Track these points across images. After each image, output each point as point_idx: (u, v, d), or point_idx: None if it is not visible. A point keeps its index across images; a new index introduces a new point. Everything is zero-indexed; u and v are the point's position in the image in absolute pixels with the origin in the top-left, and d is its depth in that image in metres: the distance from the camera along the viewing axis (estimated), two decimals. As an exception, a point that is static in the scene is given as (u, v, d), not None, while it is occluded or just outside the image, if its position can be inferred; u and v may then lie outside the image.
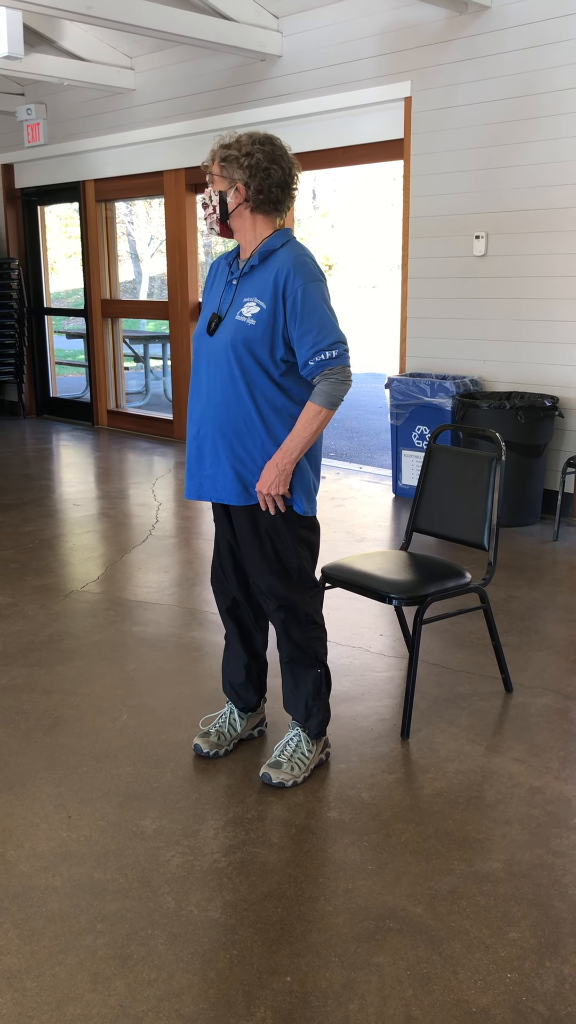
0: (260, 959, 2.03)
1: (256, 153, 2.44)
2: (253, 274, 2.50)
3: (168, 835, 2.47)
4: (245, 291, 2.50)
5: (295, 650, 2.67)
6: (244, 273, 2.51)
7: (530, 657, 3.59)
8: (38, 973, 1.99)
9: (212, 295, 2.62)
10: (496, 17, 5.35)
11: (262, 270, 2.49)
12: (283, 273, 2.44)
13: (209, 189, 2.53)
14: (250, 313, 2.46)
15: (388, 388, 5.97)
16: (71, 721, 3.10)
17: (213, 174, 2.51)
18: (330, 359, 2.45)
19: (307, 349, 2.44)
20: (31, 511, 5.79)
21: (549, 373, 5.50)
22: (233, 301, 2.52)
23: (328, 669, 2.77)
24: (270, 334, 2.46)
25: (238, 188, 2.47)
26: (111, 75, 7.54)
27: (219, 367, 2.52)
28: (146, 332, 11.49)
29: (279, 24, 6.48)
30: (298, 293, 2.42)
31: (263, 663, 2.91)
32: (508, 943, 2.07)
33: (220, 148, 2.49)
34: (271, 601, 2.63)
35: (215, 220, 2.54)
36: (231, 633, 2.85)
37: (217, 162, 2.49)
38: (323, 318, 2.44)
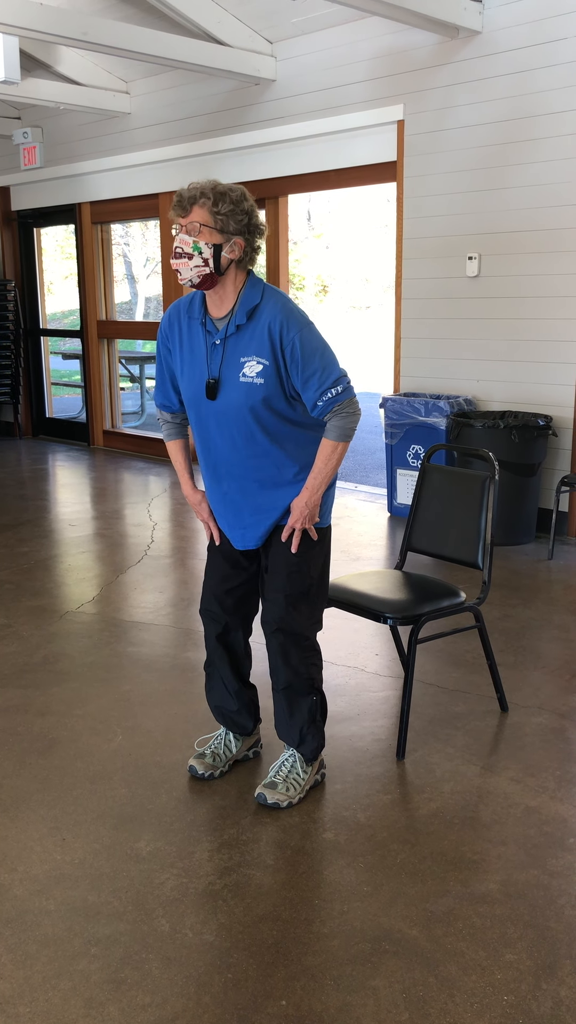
0: (255, 983, 2.02)
1: (250, 208, 2.45)
2: (241, 333, 2.49)
3: (163, 857, 2.46)
4: (238, 351, 2.49)
5: (292, 676, 2.65)
6: (231, 334, 2.50)
7: (525, 676, 3.59)
8: (31, 998, 1.98)
9: (193, 357, 2.57)
10: (487, 42, 5.41)
11: (251, 327, 2.48)
12: (276, 327, 2.45)
13: (186, 237, 2.40)
14: (254, 373, 2.48)
15: (383, 408, 5.99)
16: (65, 743, 3.08)
17: (201, 224, 2.39)
18: (337, 395, 2.49)
19: (313, 392, 2.48)
20: (26, 532, 5.79)
21: (542, 392, 5.53)
22: (224, 362, 2.51)
23: (324, 696, 2.76)
24: (279, 386, 2.50)
25: (236, 243, 2.43)
26: (107, 99, 7.61)
27: (234, 427, 2.54)
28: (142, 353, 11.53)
29: (273, 49, 6.55)
30: (295, 342, 2.44)
31: (253, 688, 2.90)
32: (504, 965, 2.06)
33: (213, 198, 2.39)
34: (271, 624, 2.62)
35: (202, 273, 2.42)
36: (219, 660, 2.81)
37: (209, 213, 2.40)
38: (323, 359, 2.47)
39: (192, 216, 2.41)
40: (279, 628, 2.61)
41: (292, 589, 2.61)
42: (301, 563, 2.62)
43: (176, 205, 2.43)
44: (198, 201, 2.40)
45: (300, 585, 2.62)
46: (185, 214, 2.42)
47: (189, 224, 2.41)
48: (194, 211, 2.40)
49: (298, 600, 2.62)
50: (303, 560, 2.63)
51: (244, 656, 2.85)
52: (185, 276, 2.43)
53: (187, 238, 2.41)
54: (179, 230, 2.43)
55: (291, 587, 2.61)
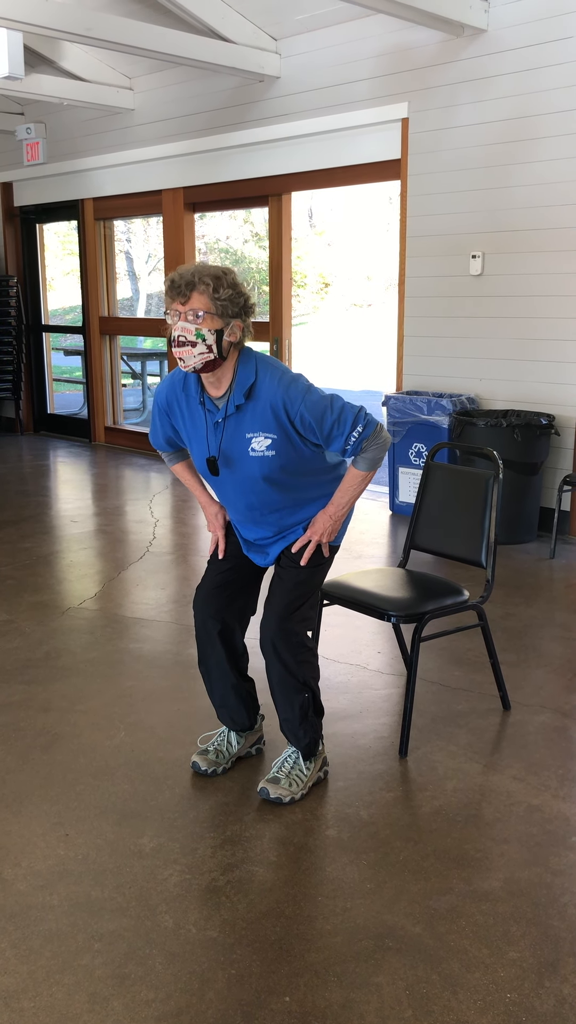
0: (258, 979, 2.02)
1: (244, 291, 2.45)
2: (242, 412, 2.51)
3: (166, 853, 2.46)
4: (243, 428, 2.51)
5: (284, 672, 2.66)
6: (231, 414, 2.52)
7: (528, 675, 3.59)
8: (35, 993, 1.98)
9: (197, 432, 2.60)
10: (492, 40, 5.41)
11: (251, 406, 2.50)
12: (280, 405, 2.47)
13: (188, 325, 2.37)
14: (264, 447, 2.52)
15: (385, 406, 5.99)
16: (68, 738, 3.09)
17: (196, 309, 2.37)
18: (362, 434, 2.51)
19: (340, 443, 2.52)
20: (28, 528, 5.79)
21: (545, 391, 5.53)
22: (228, 439, 2.54)
23: (315, 693, 2.74)
24: (291, 447, 2.54)
25: (235, 326, 2.42)
26: (110, 95, 7.60)
27: (251, 491, 2.61)
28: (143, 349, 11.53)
29: (277, 46, 6.54)
30: (304, 413, 2.47)
31: (251, 681, 2.91)
32: (507, 963, 2.07)
33: (212, 284, 2.37)
34: (272, 621, 2.63)
35: (206, 360, 2.41)
36: (219, 656, 2.80)
37: (210, 299, 2.37)
38: (334, 413, 2.48)
39: (193, 303, 2.37)
40: (279, 624, 2.62)
41: (294, 598, 2.64)
42: (309, 575, 2.68)
43: (173, 291, 2.39)
44: (197, 287, 2.36)
45: (302, 596, 2.66)
46: (185, 300, 2.38)
47: (190, 311, 2.38)
48: (194, 297, 2.37)
49: (298, 608, 2.65)
50: (311, 572, 2.68)
51: (241, 653, 2.85)
52: (189, 364, 2.42)
53: (189, 325, 2.38)
54: (178, 317, 2.39)
55: (293, 596, 2.64)
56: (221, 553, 2.78)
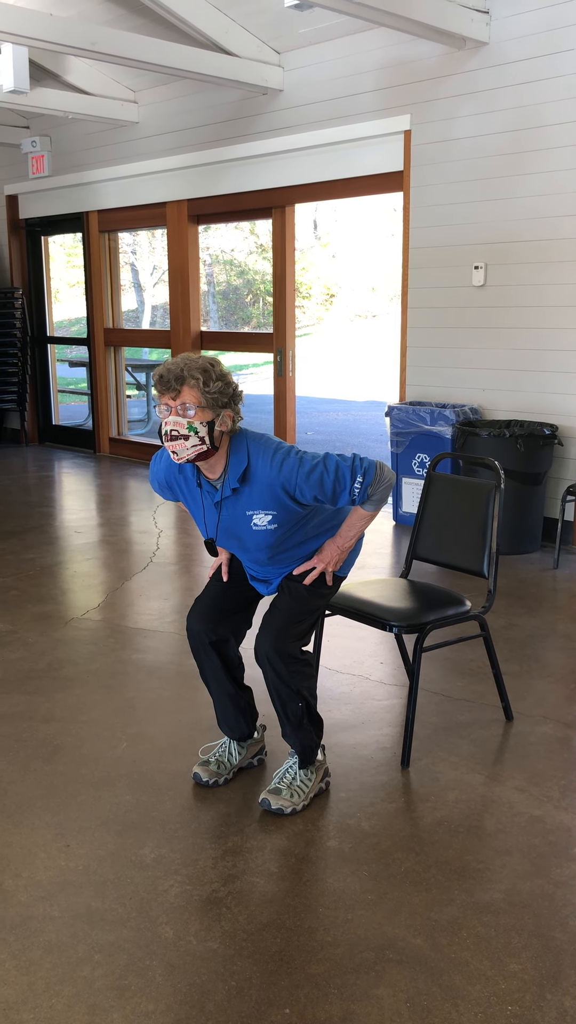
0: (259, 991, 2.01)
1: (232, 381, 2.47)
2: (239, 494, 2.54)
3: (167, 864, 2.46)
4: (241, 507, 2.55)
5: (277, 680, 2.65)
6: (228, 497, 2.55)
7: (530, 685, 3.58)
8: (35, 1005, 1.98)
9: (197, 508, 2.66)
10: (494, 53, 5.44)
11: (247, 489, 2.53)
12: (277, 485, 2.49)
13: (179, 419, 2.39)
14: (265, 523, 2.55)
15: (388, 416, 6.00)
16: (70, 749, 3.09)
17: (187, 403, 2.39)
18: (365, 482, 2.52)
19: (346, 497, 2.53)
20: (32, 538, 5.80)
21: (548, 402, 5.53)
22: (224, 518, 2.59)
23: (310, 703, 2.72)
24: (292, 516, 2.57)
25: (226, 416, 2.45)
26: (115, 108, 7.66)
27: (256, 551, 2.64)
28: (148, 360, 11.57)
29: (280, 59, 6.59)
30: (302, 486, 2.49)
31: (248, 690, 2.90)
32: (509, 975, 2.06)
33: (202, 379, 2.38)
34: (266, 637, 2.63)
35: (199, 452, 2.43)
36: (215, 668, 2.80)
37: (200, 393, 2.39)
38: (330, 473, 2.49)
39: (183, 397, 2.39)
40: (274, 638, 2.62)
41: (292, 617, 2.65)
42: (312, 598, 2.69)
43: (162, 386, 2.40)
44: (187, 382, 2.38)
45: (300, 617, 2.67)
46: (176, 395, 2.39)
47: (180, 405, 2.39)
48: (184, 392, 2.39)
49: (295, 628, 2.66)
50: (314, 596, 2.69)
51: (237, 663, 2.86)
52: (183, 456, 2.44)
53: (181, 420, 2.39)
54: (169, 411, 2.41)
55: (292, 616, 2.65)
56: (225, 577, 2.81)
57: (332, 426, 11.62)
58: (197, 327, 7.92)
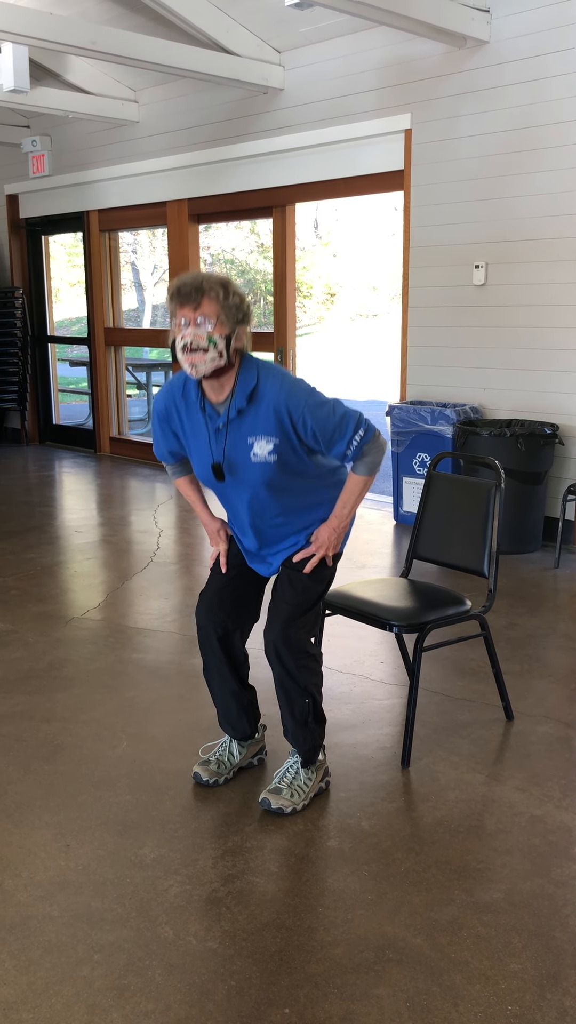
0: (258, 990, 2.01)
1: (246, 299, 2.47)
2: (244, 416, 2.52)
3: (167, 864, 2.46)
4: (244, 432, 2.52)
5: (285, 676, 2.66)
6: (233, 419, 2.53)
7: (531, 685, 3.58)
8: (34, 1004, 1.98)
9: (197, 439, 2.61)
10: (494, 52, 5.43)
11: (253, 410, 2.51)
12: (283, 408, 2.48)
13: (199, 331, 2.39)
14: (265, 452, 2.52)
15: (389, 416, 6.00)
16: (70, 749, 3.09)
17: (207, 315, 2.39)
18: (363, 439, 2.53)
19: (341, 447, 2.53)
20: (33, 538, 5.80)
21: (549, 401, 5.53)
22: (230, 444, 2.55)
23: (317, 700, 2.73)
24: (292, 452, 2.55)
25: (241, 332, 2.46)
26: (115, 108, 7.65)
27: (253, 494, 2.61)
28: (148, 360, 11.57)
29: (281, 58, 6.58)
30: (307, 416, 2.48)
31: (252, 690, 2.90)
32: (509, 975, 2.06)
33: (221, 291, 2.39)
34: (275, 627, 2.64)
35: (218, 366, 2.44)
36: (219, 664, 2.80)
37: (220, 305, 2.40)
38: (336, 416, 2.50)
39: (203, 309, 2.39)
40: (281, 629, 2.63)
41: (297, 605, 2.64)
42: (313, 583, 2.68)
43: (180, 296, 2.39)
44: (208, 294, 2.38)
45: (305, 603, 2.66)
46: (196, 307, 2.39)
47: (200, 317, 2.39)
48: (204, 304, 2.39)
49: (302, 615, 2.66)
50: (316, 580, 2.69)
51: (242, 661, 2.85)
52: (201, 370, 2.43)
53: (200, 331, 2.39)
54: (187, 324, 2.40)
55: (297, 603, 2.65)
56: (224, 568, 2.79)
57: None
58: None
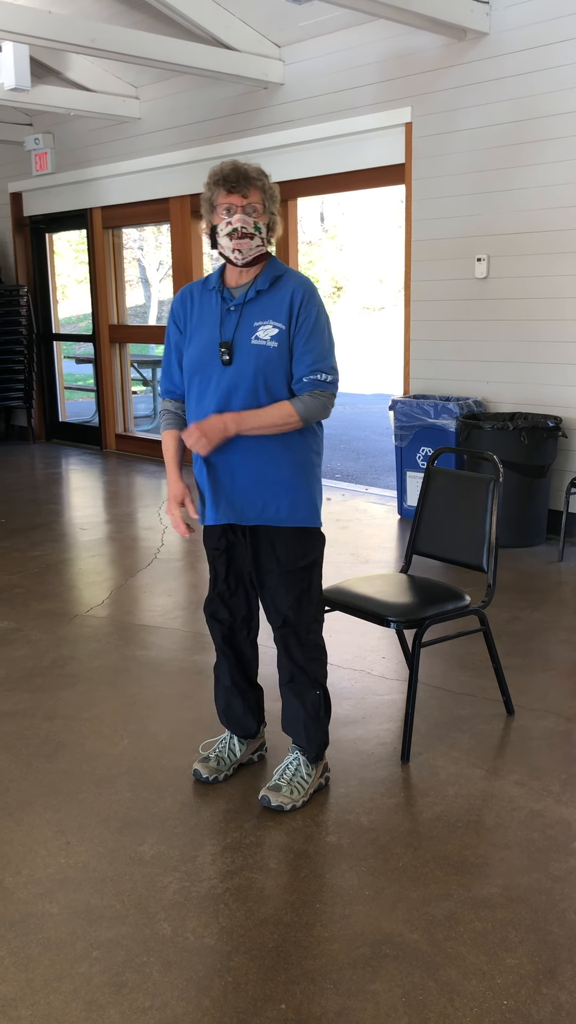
0: (255, 986, 2.02)
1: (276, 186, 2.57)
2: (260, 299, 2.53)
3: (166, 861, 2.47)
4: (254, 316, 2.52)
5: (295, 670, 2.68)
6: (249, 299, 2.53)
7: (532, 679, 3.58)
8: (32, 1001, 1.99)
9: (203, 324, 2.59)
10: (494, 43, 5.40)
11: (270, 294, 2.53)
12: (299, 295, 2.51)
13: (247, 217, 2.47)
14: (268, 336, 2.51)
15: (392, 410, 5.99)
16: (72, 747, 3.10)
17: (253, 203, 2.48)
18: (324, 382, 2.53)
19: (306, 366, 2.51)
20: (38, 536, 5.82)
21: (552, 394, 5.51)
22: (239, 327, 2.52)
23: (328, 692, 2.77)
24: (288, 353, 2.53)
25: (275, 221, 2.55)
26: (116, 105, 7.65)
27: (239, 393, 2.52)
28: (154, 356, 11.57)
29: (281, 53, 6.56)
30: (312, 315, 2.51)
31: (260, 690, 2.91)
32: (505, 970, 2.06)
33: (262, 179, 2.49)
34: (275, 618, 2.65)
35: (260, 252, 2.51)
36: (227, 662, 2.83)
37: (263, 194, 2.49)
38: (328, 344, 2.55)
39: (251, 197, 2.47)
40: (285, 622, 2.64)
41: (292, 582, 2.63)
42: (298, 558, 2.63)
43: (230, 183, 2.46)
44: (253, 183, 2.47)
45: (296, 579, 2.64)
46: (245, 194, 2.46)
47: (248, 205, 2.46)
48: (251, 192, 2.47)
49: (300, 595, 2.65)
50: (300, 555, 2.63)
51: (251, 657, 2.86)
52: (247, 255, 2.50)
53: (248, 218, 2.47)
54: (236, 211, 2.47)
55: (291, 580, 2.63)
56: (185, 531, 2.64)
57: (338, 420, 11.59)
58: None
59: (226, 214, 2.48)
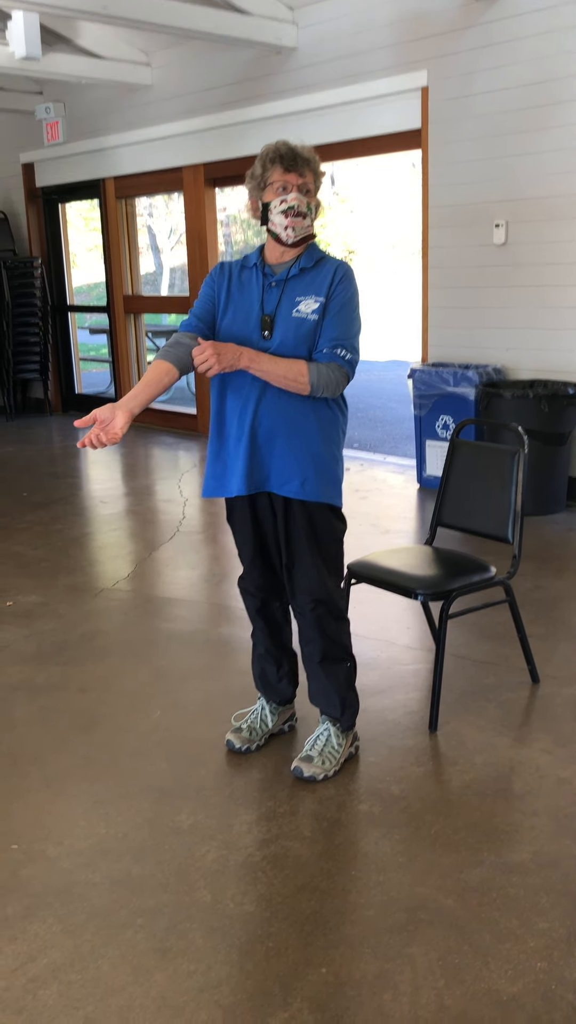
0: (296, 951, 2.09)
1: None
2: (303, 276, 2.58)
3: (203, 830, 2.54)
4: (296, 291, 2.57)
5: (329, 645, 2.72)
6: (292, 276, 2.57)
7: (556, 647, 3.62)
8: (82, 967, 2.07)
9: (243, 297, 2.60)
10: (511, 3, 5.32)
11: (314, 272, 2.58)
12: (339, 274, 2.56)
13: (302, 197, 2.52)
14: (309, 310, 2.55)
15: (411, 379, 5.98)
16: (106, 718, 3.17)
17: (307, 183, 2.54)
18: (342, 357, 2.55)
19: (329, 338, 2.54)
20: (60, 509, 5.88)
21: (572, 360, 5.49)
22: (281, 301, 2.57)
23: (355, 662, 2.83)
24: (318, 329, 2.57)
25: (319, 204, 2.60)
26: (128, 72, 7.58)
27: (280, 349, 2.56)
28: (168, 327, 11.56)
29: (294, 16, 6.48)
30: (347, 293, 2.55)
31: (293, 655, 2.96)
32: (537, 933, 2.12)
33: (317, 164, 2.55)
34: (306, 597, 2.68)
35: (308, 232, 2.57)
36: (261, 632, 2.90)
37: (315, 176, 2.56)
38: (356, 326, 2.58)
39: (307, 178, 2.53)
40: (318, 600, 2.67)
41: (324, 560, 2.67)
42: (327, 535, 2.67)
43: (286, 162, 2.50)
44: (310, 164, 2.53)
45: (329, 556, 2.69)
46: (302, 174, 2.52)
47: (304, 185, 2.52)
48: (307, 172, 2.53)
49: (331, 571, 2.69)
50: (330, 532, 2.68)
51: (284, 623, 2.91)
52: (298, 233, 2.54)
53: (303, 198, 2.52)
54: (290, 188, 2.51)
55: (323, 557, 2.67)
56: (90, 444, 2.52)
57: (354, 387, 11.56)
58: (217, 292, 7.88)
59: (282, 192, 2.51)
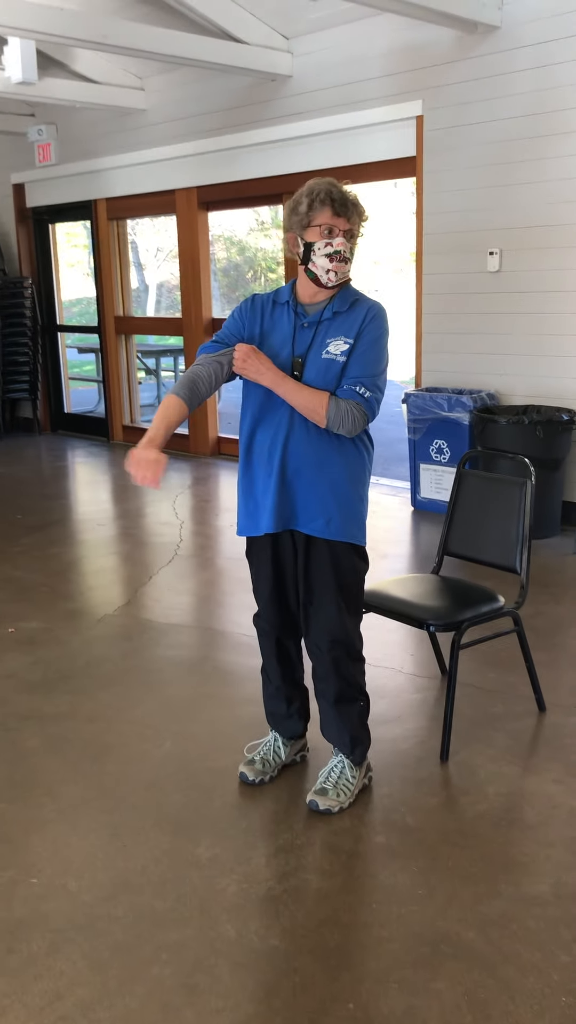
0: (322, 987, 2.10)
1: None
2: (336, 319, 2.60)
3: (222, 863, 2.55)
4: (328, 334, 2.59)
5: (344, 686, 2.74)
6: (326, 319, 2.60)
7: (561, 675, 3.66)
8: (110, 1004, 2.07)
9: (274, 335, 2.62)
10: (506, 37, 5.42)
11: (347, 315, 2.60)
12: (371, 315, 2.59)
13: (346, 242, 2.56)
14: (338, 351, 2.58)
15: (405, 403, 6.04)
16: (117, 748, 3.17)
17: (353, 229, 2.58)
18: (361, 395, 2.57)
19: (351, 377, 2.57)
20: (55, 533, 5.87)
21: (565, 387, 5.57)
22: (313, 344, 2.60)
23: (368, 697, 2.85)
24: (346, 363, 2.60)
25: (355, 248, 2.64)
26: (122, 96, 7.63)
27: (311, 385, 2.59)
28: (157, 346, 11.56)
29: (289, 45, 6.56)
30: (374, 334, 2.58)
31: (305, 691, 2.98)
32: (560, 967, 2.15)
33: (363, 211, 2.58)
34: (324, 637, 2.70)
35: (347, 278, 2.61)
36: (273, 671, 2.90)
37: (358, 222, 2.59)
38: (380, 364, 2.60)
39: (352, 223, 2.57)
40: (336, 640, 2.69)
41: (345, 599, 2.69)
42: (350, 574, 2.70)
43: (336, 206, 2.53)
44: (358, 209, 2.57)
45: (351, 595, 2.71)
46: (348, 219, 2.56)
47: (350, 231, 2.57)
48: (353, 219, 2.57)
49: (351, 611, 2.72)
50: (352, 571, 2.71)
51: (297, 661, 2.93)
52: (340, 277, 2.58)
53: (347, 243, 2.56)
54: (336, 232, 2.54)
55: (343, 597, 2.69)
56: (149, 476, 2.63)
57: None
58: (209, 314, 7.94)
59: (327, 235, 2.53)
